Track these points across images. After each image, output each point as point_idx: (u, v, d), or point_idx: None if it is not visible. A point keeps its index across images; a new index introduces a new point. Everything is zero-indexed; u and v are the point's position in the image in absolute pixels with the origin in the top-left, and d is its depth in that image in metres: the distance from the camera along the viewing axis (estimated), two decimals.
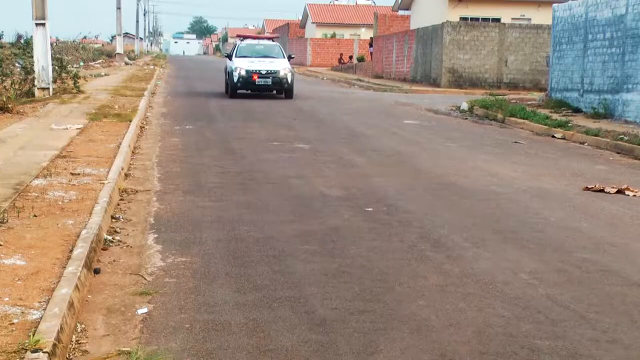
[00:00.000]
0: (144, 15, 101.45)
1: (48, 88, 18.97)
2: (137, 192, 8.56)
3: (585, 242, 6.82)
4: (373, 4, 72.22)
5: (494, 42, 30.98)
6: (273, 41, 25.73)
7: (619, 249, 6.62)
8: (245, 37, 25.83)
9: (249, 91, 23.18)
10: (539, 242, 6.78)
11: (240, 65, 22.42)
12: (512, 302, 5.15)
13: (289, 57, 24.26)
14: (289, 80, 22.64)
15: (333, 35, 63.95)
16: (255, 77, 22.24)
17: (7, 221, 6.45)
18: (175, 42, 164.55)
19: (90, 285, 5.26)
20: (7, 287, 4.84)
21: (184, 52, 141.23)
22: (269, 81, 22.42)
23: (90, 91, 21.86)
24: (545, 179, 10.14)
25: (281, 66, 22.70)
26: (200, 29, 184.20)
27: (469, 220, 7.55)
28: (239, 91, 22.95)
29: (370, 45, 47.72)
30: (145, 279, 5.49)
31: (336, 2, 75.05)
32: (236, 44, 25.07)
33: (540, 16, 33.24)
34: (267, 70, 22.42)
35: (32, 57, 18.98)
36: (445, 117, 19.69)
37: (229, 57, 24.23)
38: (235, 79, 22.40)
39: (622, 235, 7.12)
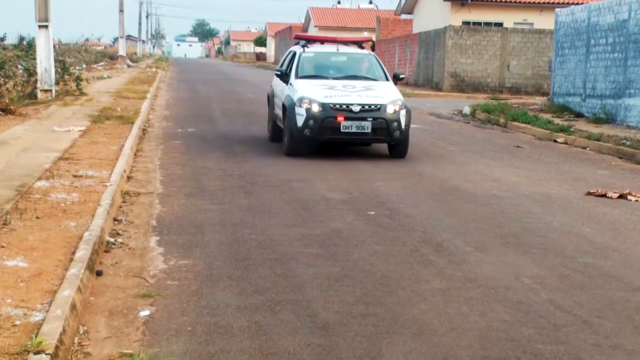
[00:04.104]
0: (147, 17, 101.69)
1: (50, 90, 18.99)
2: (139, 194, 8.57)
3: (588, 247, 6.82)
4: (375, 8, 72.27)
5: (497, 46, 31.00)
6: (362, 47, 14.03)
7: (622, 254, 6.61)
8: (310, 40, 14.02)
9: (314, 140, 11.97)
10: (541, 246, 6.78)
11: (310, 95, 11.77)
12: (514, 306, 5.15)
13: (396, 78, 13.15)
14: (403, 124, 11.75)
15: None
16: (340, 118, 11.56)
17: (9, 223, 6.45)
18: (178, 45, 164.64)
19: (92, 287, 5.27)
20: (10, 289, 4.84)
21: (185, 55, 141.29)
22: (367, 126, 11.56)
23: (93, 93, 21.87)
24: (548, 184, 10.14)
25: (388, 97, 11.95)
26: (203, 32, 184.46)
27: (471, 225, 7.55)
28: (302, 142, 11.95)
29: (372, 49, 47.66)
30: (147, 281, 5.49)
31: (339, 6, 75.16)
32: (294, 54, 13.43)
33: (543, 21, 33.22)
34: (363, 106, 11.64)
35: (34, 59, 19.00)
36: (448, 121, 19.69)
37: (283, 76, 12.99)
38: (301, 122, 11.61)
39: (624, 241, 7.12)
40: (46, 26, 18.52)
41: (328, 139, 11.91)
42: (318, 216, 7.76)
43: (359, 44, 14.03)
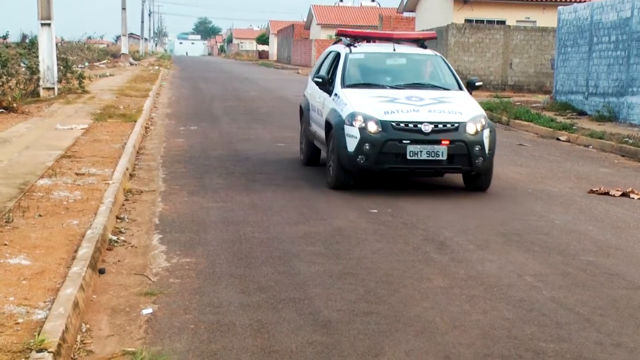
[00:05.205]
0: (149, 15, 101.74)
1: (53, 88, 19.01)
2: (142, 192, 8.57)
3: (590, 245, 6.81)
4: (378, 6, 72.21)
5: (499, 44, 30.95)
6: (424, 46, 10.80)
7: (624, 252, 6.60)
8: (357, 38, 10.81)
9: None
10: (544, 244, 6.78)
11: (365, 110, 8.87)
12: (516, 304, 5.15)
13: (471, 86, 10.04)
14: (486, 149, 8.88)
15: None
16: (405, 140, 8.68)
17: (12, 221, 6.46)
18: (180, 43, 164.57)
19: (95, 285, 5.27)
20: (12, 287, 4.85)
21: (187, 53, 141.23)
22: (442, 151, 8.68)
23: (95, 91, 21.89)
24: (550, 182, 10.13)
25: (467, 112, 9.02)
26: (205, 30, 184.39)
27: (474, 223, 7.55)
28: (354, 172, 9.04)
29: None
30: (150, 279, 5.50)
31: (341, 4, 75.12)
32: (337, 55, 10.36)
33: (546, 19, 33.17)
34: (437, 125, 8.74)
35: (37, 57, 19.01)
36: None
37: (324, 84, 9.93)
38: (353, 147, 8.74)
39: (627, 239, 7.11)
40: (49, 24, 18.54)
41: (389, 169, 8.83)
42: (320, 214, 7.76)
43: (421, 41, 10.84)
